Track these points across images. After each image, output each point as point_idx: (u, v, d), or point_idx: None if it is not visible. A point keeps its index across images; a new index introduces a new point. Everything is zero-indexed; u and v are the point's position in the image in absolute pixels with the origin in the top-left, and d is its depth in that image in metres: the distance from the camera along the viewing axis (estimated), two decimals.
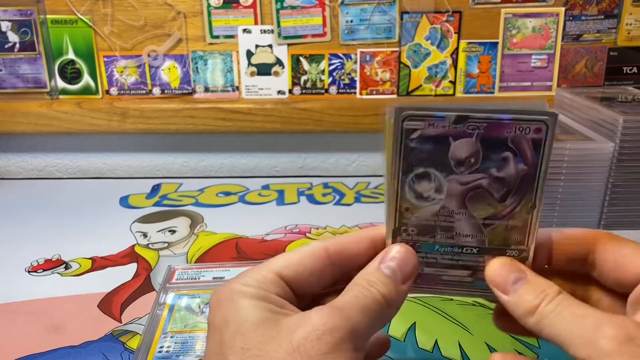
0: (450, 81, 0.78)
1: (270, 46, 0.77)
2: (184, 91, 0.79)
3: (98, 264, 0.58)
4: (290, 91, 0.79)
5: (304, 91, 0.79)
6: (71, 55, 0.77)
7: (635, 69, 0.78)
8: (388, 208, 0.30)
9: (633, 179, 0.62)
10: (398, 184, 0.29)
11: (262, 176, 0.84)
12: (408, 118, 0.28)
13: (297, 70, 0.78)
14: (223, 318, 0.28)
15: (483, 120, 0.28)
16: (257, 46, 0.77)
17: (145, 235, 0.64)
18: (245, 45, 0.77)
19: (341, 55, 0.77)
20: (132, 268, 0.57)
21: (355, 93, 0.79)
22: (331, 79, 0.78)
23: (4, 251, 0.61)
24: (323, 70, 0.78)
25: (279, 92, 0.79)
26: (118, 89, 0.79)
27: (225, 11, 0.75)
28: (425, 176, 0.29)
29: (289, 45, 0.77)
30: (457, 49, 0.77)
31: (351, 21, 0.75)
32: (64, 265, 0.57)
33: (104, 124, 0.78)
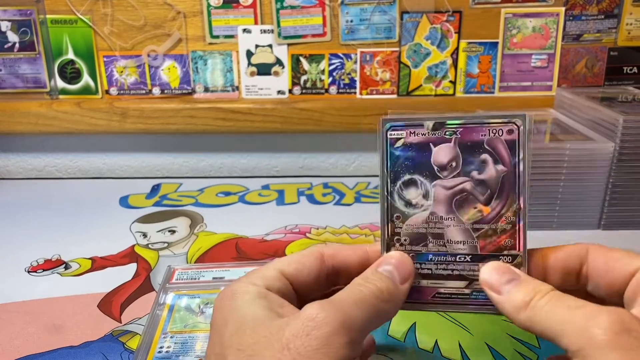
0: (450, 81, 0.78)
1: (270, 46, 0.77)
2: (184, 91, 0.79)
3: (98, 264, 0.58)
4: (290, 91, 0.79)
5: (304, 91, 0.79)
6: (71, 55, 0.77)
7: (635, 69, 0.78)
8: (381, 220, 0.31)
9: (633, 179, 0.62)
10: (388, 194, 0.31)
11: (262, 176, 0.84)
12: (391, 128, 0.31)
13: (297, 70, 0.78)
14: (223, 318, 0.28)
15: (459, 125, 0.30)
16: (257, 46, 0.77)
17: (145, 235, 0.64)
18: (245, 45, 0.77)
19: (341, 55, 0.77)
20: (132, 268, 0.57)
21: (355, 93, 0.79)
22: (331, 79, 0.78)
23: (4, 251, 0.61)
24: (323, 70, 0.78)
25: (279, 92, 0.79)
26: (118, 89, 0.79)
27: (225, 11, 0.75)
28: (412, 183, 0.31)
29: (289, 45, 0.77)
30: (457, 49, 0.77)
31: (351, 21, 0.75)
32: (64, 265, 0.57)
33: (104, 124, 0.78)
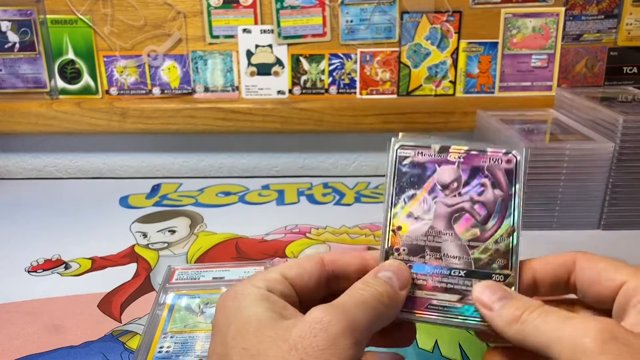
0: (450, 81, 0.78)
1: (270, 46, 0.77)
2: (184, 91, 0.79)
3: (98, 264, 0.58)
4: (290, 91, 0.79)
5: (304, 91, 0.79)
6: (71, 55, 0.77)
7: (635, 69, 0.78)
8: (382, 229, 0.33)
9: (633, 179, 0.62)
10: (392, 205, 0.33)
11: (262, 176, 0.84)
12: (400, 147, 0.34)
13: (297, 70, 0.78)
14: (226, 319, 0.28)
15: (463, 151, 0.33)
16: (257, 46, 0.77)
17: (145, 235, 0.64)
18: (245, 45, 0.77)
19: (341, 55, 0.77)
20: (132, 268, 0.57)
21: (355, 93, 0.79)
22: (331, 79, 0.78)
23: (4, 251, 0.61)
24: (323, 70, 0.78)
25: (279, 92, 0.79)
26: (118, 89, 0.79)
27: (225, 11, 0.75)
28: (415, 197, 0.33)
29: (289, 45, 0.77)
30: (457, 49, 0.77)
31: (351, 21, 0.75)
32: (64, 265, 0.57)
33: (104, 124, 0.78)
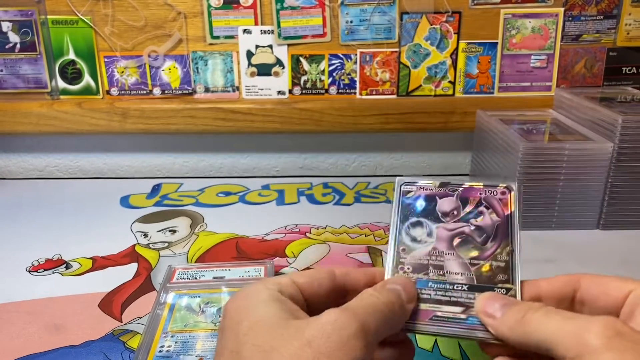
0: (449, 81, 0.78)
1: (270, 46, 0.77)
2: (184, 91, 0.79)
3: (99, 264, 0.58)
4: (290, 91, 0.79)
5: (304, 91, 0.79)
6: (72, 55, 0.77)
7: (634, 69, 0.78)
8: (388, 251, 0.36)
9: (632, 179, 0.62)
10: (397, 231, 0.36)
11: (262, 176, 0.84)
12: (404, 184, 0.38)
13: (297, 70, 0.78)
14: (238, 316, 0.29)
15: (461, 185, 0.38)
16: (257, 46, 0.77)
17: (145, 235, 0.64)
18: (245, 45, 0.77)
19: (341, 55, 0.77)
20: (133, 268, 0.57)
21: (355, 93, 0.79)
22: (331, 79, 0.78)
23: (5, 251, 0.61)
24: (323, 70, 0.78)
25: (279, 92, 0.79)
26: (118, 89, 0.79)
27: (225, 12, 0.75)
28: (418, 224, 0.37)
29: (289, 45, 0.77)
30: (457, 49, 0.77)
31: (351, 21, 0.75)
32: (65, 265, 0.58)
33: (105, 124, 0.78)
